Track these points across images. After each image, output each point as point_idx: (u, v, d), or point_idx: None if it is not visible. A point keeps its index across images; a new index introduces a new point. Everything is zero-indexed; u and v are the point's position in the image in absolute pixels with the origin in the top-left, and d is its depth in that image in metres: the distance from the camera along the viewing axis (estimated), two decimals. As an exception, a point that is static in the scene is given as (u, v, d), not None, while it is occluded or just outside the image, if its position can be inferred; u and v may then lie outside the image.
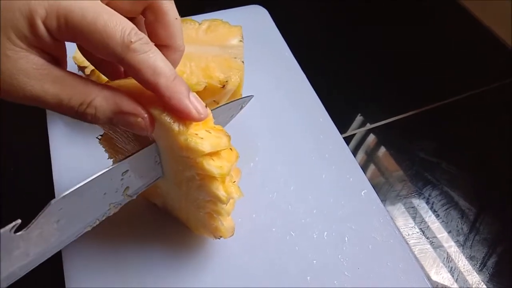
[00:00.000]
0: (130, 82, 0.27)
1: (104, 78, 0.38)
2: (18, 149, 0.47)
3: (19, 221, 0.23)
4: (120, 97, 0.24)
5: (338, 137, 0.46)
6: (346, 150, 0.45)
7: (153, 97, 0.25)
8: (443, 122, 0.55)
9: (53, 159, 0.41)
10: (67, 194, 0.25)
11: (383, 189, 0.47)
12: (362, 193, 0.41)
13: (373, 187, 0.42)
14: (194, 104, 0.25)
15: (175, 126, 0.26)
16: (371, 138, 0.52)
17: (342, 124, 0.52)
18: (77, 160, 0.41)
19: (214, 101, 0.41)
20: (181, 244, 0.37)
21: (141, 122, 0.24)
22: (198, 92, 0.38)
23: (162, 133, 0.27)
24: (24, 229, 0.24)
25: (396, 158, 0.50)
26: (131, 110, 0.24)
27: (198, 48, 0.41)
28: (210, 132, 0.27)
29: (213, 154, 0.27)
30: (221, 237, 0.33)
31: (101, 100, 0.23)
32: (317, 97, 0.49)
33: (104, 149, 0.35)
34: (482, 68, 0.62)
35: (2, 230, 0.23)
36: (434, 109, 0.56)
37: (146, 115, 0.25)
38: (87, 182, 0.26)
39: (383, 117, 0.54)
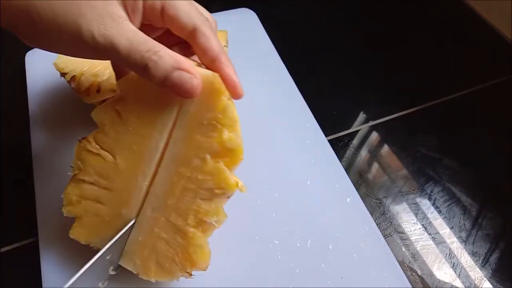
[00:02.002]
0: None
1: (84, 85, 0.38)
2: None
3: None
4: (179, 56, 0.27)
5: (325, 143, 0.45)
6: (332, 156, 0.44)
7: None
8: (445, 118, 0.55)
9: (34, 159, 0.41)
10: None
11: (385, 185, 0.47)
12: (348, 200, 0.41)
13: (375, 184, 0.41)
14: (239, 83, 0.29)
15: (219, 85, 0.28)
16: (374, 135, 0.52)
17: (344, 121, 0.52)
18: (58, 162, 0.41)
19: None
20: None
21: (194, 80, 0.27)
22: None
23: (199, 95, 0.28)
24: None
25: (398, 154, 0.50)
26: (189, 67, 0.27)
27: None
28: None
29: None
30: (192, 269, 0.31)
31: (165, 54, 0.26)
32: (304, 101, 0.48)
33: None
34: (484, 64, 0.61)
35: None
36: (436, 105, 0.56)
37: (198, 76, 0.27)
38: (79, 276, 0.29)
39: (385, 114, 0.54)
